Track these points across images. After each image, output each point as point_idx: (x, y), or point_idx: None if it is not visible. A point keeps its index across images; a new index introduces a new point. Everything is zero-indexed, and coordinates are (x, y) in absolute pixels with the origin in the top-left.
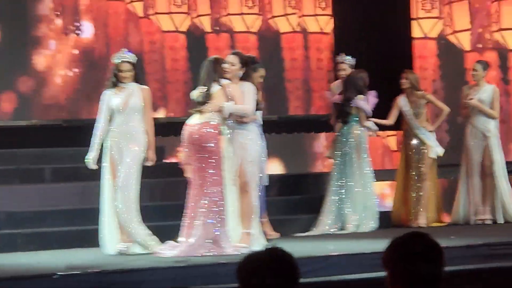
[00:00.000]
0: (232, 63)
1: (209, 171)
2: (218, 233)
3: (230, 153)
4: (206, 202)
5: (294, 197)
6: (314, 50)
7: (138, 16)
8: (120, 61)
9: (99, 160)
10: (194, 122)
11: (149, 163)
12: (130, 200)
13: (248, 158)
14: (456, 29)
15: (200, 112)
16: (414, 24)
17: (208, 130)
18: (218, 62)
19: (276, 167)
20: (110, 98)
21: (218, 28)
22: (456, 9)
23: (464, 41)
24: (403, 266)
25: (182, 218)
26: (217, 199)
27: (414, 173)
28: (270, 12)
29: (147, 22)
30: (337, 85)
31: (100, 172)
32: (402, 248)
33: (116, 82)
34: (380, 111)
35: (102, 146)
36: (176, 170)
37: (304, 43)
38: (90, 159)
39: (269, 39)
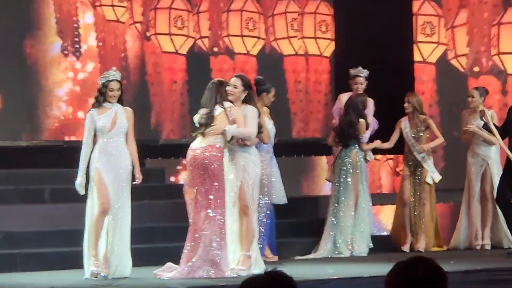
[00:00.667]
0: (235, 86)
1: (213, 194)
2: (219, 256)
3: (230, 176)
4: (209, 225)
5: (293, 220)
6: (312, 73)
7: (140, 37)
8: (112, 79)
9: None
10: (197, 145)
11: (137, 182)
12: (127, 225)
13: (249, 180)
14: (458, 54)
15: (203, 134)
16: (414, 47)
17: (211, 153)
18: (222, 84)
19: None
20: (95, 119)
21: (217, 50)
22: (458, 33)
23: (466, 65)
24: None
25: (185, 240)
26: (221, 222)
27: (413, 197)
28: (272, 34)
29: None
30: (346, 97)
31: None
32: (406, 272)
33: (102, 102)
34: (381, 133)
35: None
36: (177, 191)
37: (306, 65)
38: (78, 184)
39: (271, 61)
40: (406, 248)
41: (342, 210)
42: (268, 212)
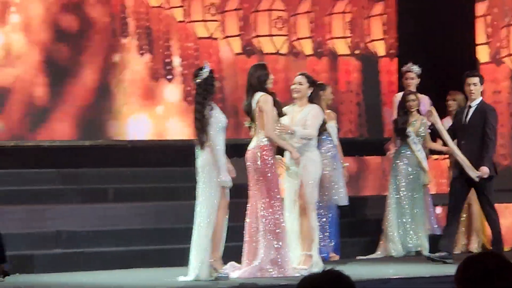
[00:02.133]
0: (300, 83)
1: (264, 194)
2: (279, 255)
3: (291, 175)
4: (262, 225)
5: (353, 220)
6: (342, 73)
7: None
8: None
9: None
10: (249, 147)
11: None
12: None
13: (309, 180)
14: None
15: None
16: (481, 49)
17: (259, 153)
18: (258, 68)
19: None
20: (219, 115)
21: (249, 49)
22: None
23: None
24: (477, 285)
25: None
26: (273, 221)
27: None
28: (295, 34)
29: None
30: (400, 96)
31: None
32: (476, 267)
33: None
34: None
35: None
36: (240, 191)
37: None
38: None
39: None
40: (457, 249)
41: (403, 208)
42: (331, 212)
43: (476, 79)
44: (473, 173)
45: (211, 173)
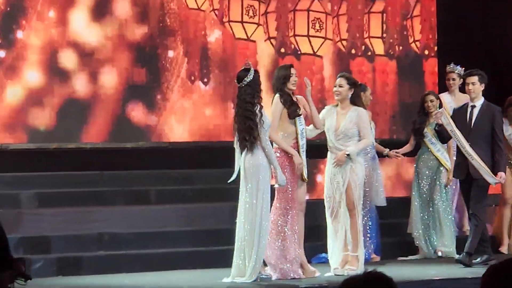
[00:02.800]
0: (340, 85)
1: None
2: (287, 259)
3: (339, 177)
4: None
5: (392, 220)
6: (380, 73)
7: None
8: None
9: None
10: None
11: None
12: None
13: (357, 181)
14: None
15: None
16: None
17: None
18: (281, 69)
19: None
20: (266, 115)
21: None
22: None
23: None
24: None
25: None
26: (276, 226)
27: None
28: (337, 35)
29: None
30: (444, 96)
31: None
32: (502, 273)
33: None
34: None
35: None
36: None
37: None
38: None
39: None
40: (504, 249)
41: (426, 211)
42: (371, 213)
43: (475, 78)
44: (492, 179)
45: (263, 174)
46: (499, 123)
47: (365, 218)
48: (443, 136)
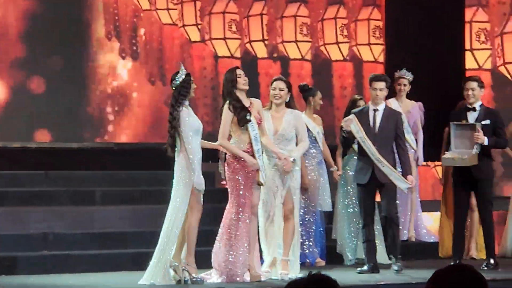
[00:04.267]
0: (280, 88)
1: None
2: (229, 261)
3: (278, 182)
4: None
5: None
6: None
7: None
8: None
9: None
10: None
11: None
12: None
13: (296, 186)
14: (506, 61)
15: None
16: (467, 55)
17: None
18: (227, 73)
19: None
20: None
21: (276, 55)
22: (507, 40)
23: None
24: None
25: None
26: (227, 229)
27: None
28: (321, 40)
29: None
30: (392, 102)
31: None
32: (445, 281)
33: None
34: (431, 141)
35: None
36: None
37: (356, 71)
38: None
39: (319, 66)
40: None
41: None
42: (315, 218)
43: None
44: (403, 184)
45: (183, 177)
46: (402, 127)
47: (309, 223)
48: (347, 143)
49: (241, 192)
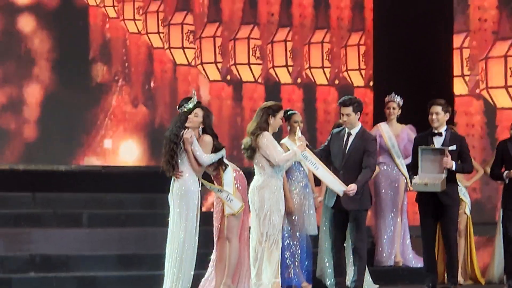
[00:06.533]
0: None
1: None
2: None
3: (258, 204)
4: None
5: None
6: (321, 102)
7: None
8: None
9: None
10: None
11: None
12: None
13: (282, 209)
14: (489, 86)
15: None
16: (458, 81)
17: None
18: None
19: None
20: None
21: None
22: (492, 66)
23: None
24: None
25: None
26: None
27: None
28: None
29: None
30: (382, 125)
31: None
32: None
33: None
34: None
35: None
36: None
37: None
38: None
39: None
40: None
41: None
42: (301, 242)
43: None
44: (339, 187)
45: (191, 200)
46: (372, 149)
47: (294, 247)
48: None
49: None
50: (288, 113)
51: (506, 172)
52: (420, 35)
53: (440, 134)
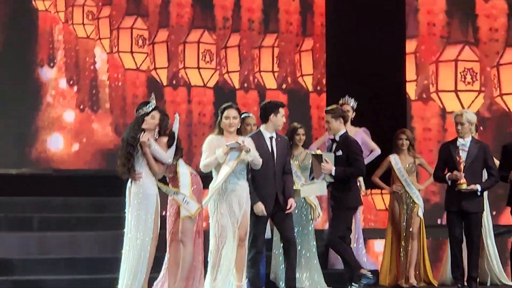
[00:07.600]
0: (234, 117)
1: None
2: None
3: (236, 207)
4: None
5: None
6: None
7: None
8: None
9: None
10: None
11: None
12: None
13: (249, 211)
14: (439, 89)
15: None
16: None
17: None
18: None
19: None
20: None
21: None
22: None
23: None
24: None
25: None
26: None
27: (404, 233)
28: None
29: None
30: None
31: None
32: None
33: None
34: (372, 170)
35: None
36: None
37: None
38: None
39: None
40: (396, 283)
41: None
42: None
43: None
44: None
45: (151, 204)
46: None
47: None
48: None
49: None
50: (243, 115)
51: (448, 174)
52: (372, 39)
53: (335, 141)
